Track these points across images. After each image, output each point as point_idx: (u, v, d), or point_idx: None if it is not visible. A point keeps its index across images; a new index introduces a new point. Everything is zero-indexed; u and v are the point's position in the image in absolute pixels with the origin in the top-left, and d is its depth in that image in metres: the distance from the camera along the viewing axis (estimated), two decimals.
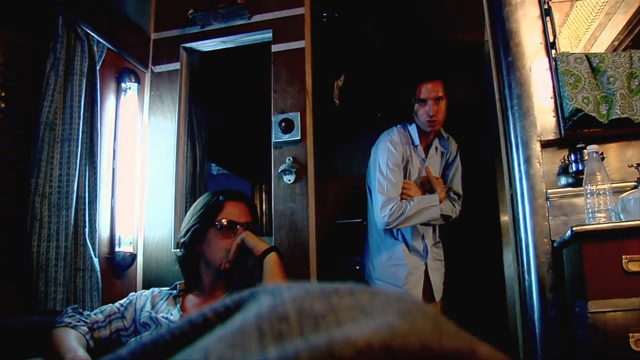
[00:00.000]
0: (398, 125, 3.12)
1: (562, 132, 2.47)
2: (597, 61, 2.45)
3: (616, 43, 2.68)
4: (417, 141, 3.05)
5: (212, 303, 0.39)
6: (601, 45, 2.71)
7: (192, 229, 2.13)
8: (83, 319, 1.99)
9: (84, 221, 2.48)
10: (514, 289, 2.64)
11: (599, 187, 2.17)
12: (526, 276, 2.41)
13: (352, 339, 0.29)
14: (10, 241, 2.23)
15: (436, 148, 3.09)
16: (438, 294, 2.98)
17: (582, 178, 2.28)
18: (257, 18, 3.09)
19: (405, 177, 2.99)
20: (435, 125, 2.97)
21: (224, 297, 2.00)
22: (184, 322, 0.39)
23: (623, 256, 1.91)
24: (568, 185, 2.47)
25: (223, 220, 2.11)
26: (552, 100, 2.53)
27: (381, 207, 2.84)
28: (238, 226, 2.12)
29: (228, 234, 2.11)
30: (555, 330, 2.28)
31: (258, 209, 5.85)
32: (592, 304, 1.91)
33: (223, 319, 0.37)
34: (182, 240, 2.16)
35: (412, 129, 3.08)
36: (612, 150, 2.48)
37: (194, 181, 3.47)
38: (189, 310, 2.06)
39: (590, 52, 2.62)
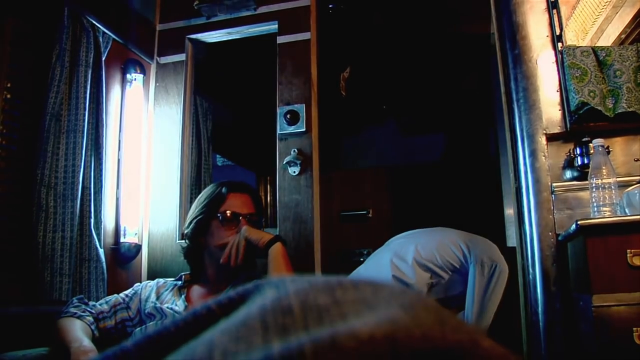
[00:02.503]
0: None
1: (568, 126, 2.46)
2: (604, 54, 2.43)
3: (623, 36, 2.66)
4: None
5: (216, 294, 0.39)
6: (608, 39, 2.69)
7: (195, 220, 2.14)
8: (88, 309, 2.00)
9: (90, 212, 2.49)
10: (518, 283, 2.64)
11: (604, 181, 2.17)
12: (530, 269, 2.41)
13: (355, 332, 0.29)
14: (16, 231, 2.24)
15: None
16: None
17: (588, 172, 2.27)
18: (263, 9, 3.08)
19: None
20: None
21: (229, 289, 2.01)
22: (188, 314, 0.39)
23: (628, 250, 1.90)
24: (573, 178, 2.47)
25: (226, 212, 2.11)
26: (558, 93, 2.52)
27: None
28: (240, 217, 2.12)
29: (230, 225, 2.11)
30: (559, 324, 2.28)
31: (262, 201, 5.86)
32: (596, 298, 1.91)
33: (227, 311, 0.37)
34: (186, 231, 2.17)
35: None
36: (618, 144, 2.47)
37: (199, 172, 3.48)
38: (194, 301, 2.07)
39: (596, 45, 2.60)
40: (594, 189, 2.20)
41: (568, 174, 2.49)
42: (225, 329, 0.33)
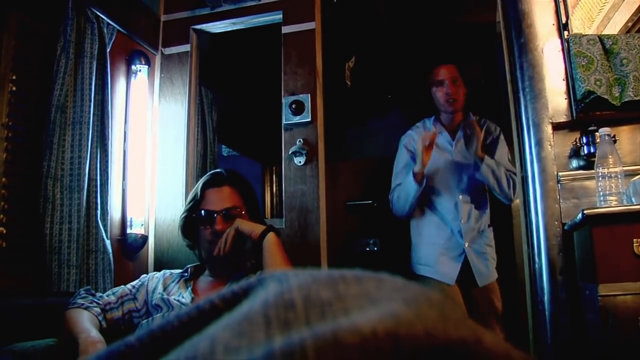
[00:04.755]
0: (417, 123, 3.27)
1: (574, 115, 2.45)
2: (610, 43, 2.42)
3: (630, 24, 2.65)
4: (431, 129, 3.15)
5: (221, 287, 0.39)
6: (614, 27, 2.68)
7: (181, 218, 2.17)
8: (96, 300, 2.01)
9: (96, 203, 2.50)
10: (525, 272, 2.64)
11: (610, 170, 2.16)
12: (536, 259, 2.40)
13: (357, 327, 0.29)
14: (24, 223, 2.25)
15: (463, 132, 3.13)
16: (482, 280, 3.03)
17: (594, 161, 2.27)
18: None
19: (432, 163, 3.05)
20: (455, 105, 3.08)
21: (232, 281, 2.02)
22: (191, 309, 0.39)
23: (634, 240, 1.90)
24: (579, 168, 2.46)
25: (201, 212, 2.09)
26: (564, 82, 2.51)
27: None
28: (215, 215, 2.07)
29: (207, 224, 2.09)
30: (565, 313, 2.28)
31: (269, 190, 5.86)
32: (602, 287, 1.91)
33: (230, 306, 0.37)
34: (178, 228, 2.20)
35: (429, 120, 3.23)
36: (625, 133, 2.46)
37: (205, 163, 3.49)
38: (200, 293, 2.07)
39: (603, 33, 2.59)
40: (600, 178, 2.19)
41: (574, 163, 2.48)
42: (228, 324, 0.33)
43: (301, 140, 2.84)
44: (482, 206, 3.09)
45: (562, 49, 2.54)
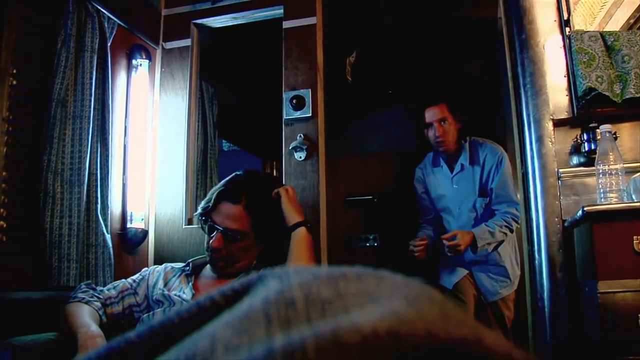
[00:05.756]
0: (425, 158, 3.44)
1: (575, 111, 2.45)
2: (612, 39, 2.41)
3: (632, 21, 2.64)
4: (429, 164, 3.35)
5: (223, 284, 0.39)
6: (616, 23, 2.67)
7: (197, 218, 2.16)
8: (96, 294, 2.01)
9: (96, 197, 2.50)
10: (524, 268, 2.64)
11: (611, 167, 2.16)
12: (536, 255, 2.40)
13: (358, 326, 0.29)
14: (24, 217, 2.25)
15: (462, 165, 3.19)
16: (488, 296, 3.13)
17: (595, 158, 2.27)
18: None
19: (435, 195, 3.31)
20: (444, 145, 3.15)
21: (236, 280, 2.00)
22: (192, 306, 0.39)
23: (634, 237, 1.90)
24: (580, 164, 2.46)
25: (208, 220, 2.05)
26: (565, 78, 2.50)
27: None
28: (215, 232, 2.02)
29: (209, 234, 2.06)
30: (565, 310, 2.29)
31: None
32: (602, 284, 1.91)
33: (231, 303, 0.37)
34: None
35: (430, 154, 3.39)
36: (626, 130, 2.46)
37: (205, 157, 3.48)
38: (202, 290, 2.05)
39: (605, 30, 2.58)
40: (600, 175, 2.19)
41: (575, 159, 2.48)
42: (228, 321, 0.33)
43: (302, 135, 2.83)
44: None
45: (564, 46, 2.53)
